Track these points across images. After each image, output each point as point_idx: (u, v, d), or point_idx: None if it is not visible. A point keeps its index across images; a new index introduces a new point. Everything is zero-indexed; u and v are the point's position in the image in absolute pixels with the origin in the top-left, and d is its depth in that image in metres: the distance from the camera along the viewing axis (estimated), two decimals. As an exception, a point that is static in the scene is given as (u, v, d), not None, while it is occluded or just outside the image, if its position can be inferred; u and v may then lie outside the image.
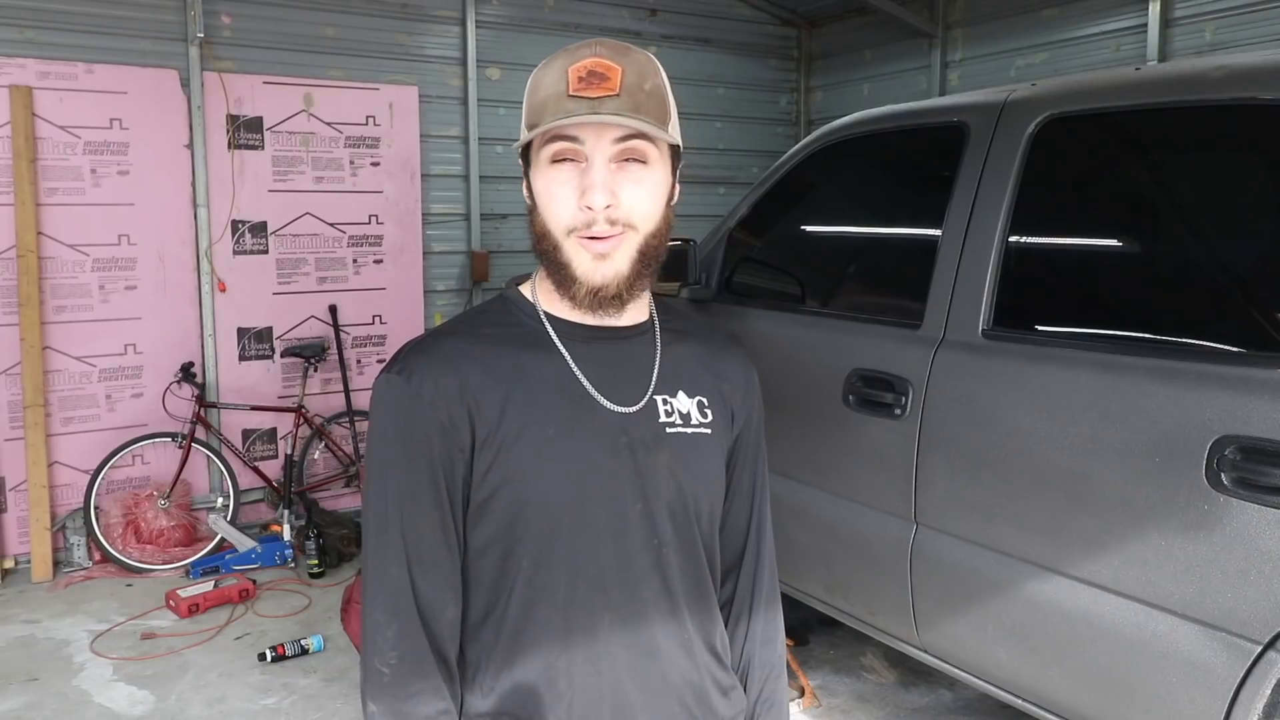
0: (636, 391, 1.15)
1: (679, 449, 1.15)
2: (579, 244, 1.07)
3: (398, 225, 5.65)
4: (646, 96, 1.06)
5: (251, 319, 5.31)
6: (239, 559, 4.77)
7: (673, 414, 1.16)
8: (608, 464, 1.11)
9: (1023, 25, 5.43)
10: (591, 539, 1.11)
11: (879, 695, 3.46)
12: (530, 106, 1.09)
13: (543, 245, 1.10)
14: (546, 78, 1.07)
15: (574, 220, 1.06)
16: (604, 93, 1.03)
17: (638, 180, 1.07)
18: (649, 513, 1.13)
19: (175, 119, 4.99)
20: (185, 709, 3.43)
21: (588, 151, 1.05)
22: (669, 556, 1.15)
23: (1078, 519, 2.15)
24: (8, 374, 4.70)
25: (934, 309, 2.58)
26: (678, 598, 1.16)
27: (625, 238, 1.07)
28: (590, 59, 1.05)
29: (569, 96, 1.04)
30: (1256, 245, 2.13)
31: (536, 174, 1.09)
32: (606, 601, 1.11)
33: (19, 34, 4.62)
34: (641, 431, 1.13)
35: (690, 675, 1.17)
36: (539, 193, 1.09)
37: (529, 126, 1.08)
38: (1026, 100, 2.52)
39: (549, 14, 6.01)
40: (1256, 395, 1.87)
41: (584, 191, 1.04)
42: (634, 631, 1.13)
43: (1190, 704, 1.96)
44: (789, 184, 3.33)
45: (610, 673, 1.12)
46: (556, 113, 1.04)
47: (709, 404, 1.20)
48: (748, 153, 6.69)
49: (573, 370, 1.12)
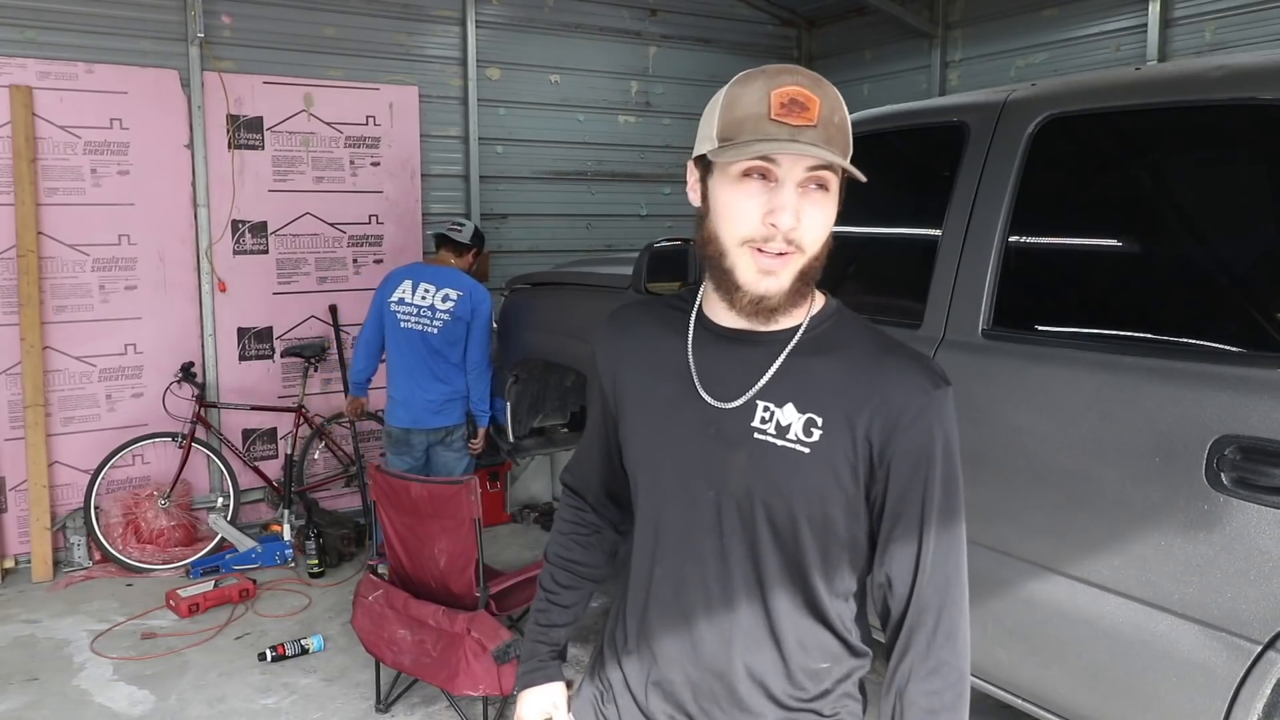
0: (737, 391, 1.21)
1: (760, 455, 1.19)
2: (750, 254, 1.15)
3: (398, 225, 5.64)
4: (837, 129, 1.14)
5: (251, 319, 5.31)
6: (239, 559, 4.77)
7: (769, 422, 1.20)
8: (691, 447, 1.23)
9: (1023, 25, 5.43)
10: (662, 506, 1.28)
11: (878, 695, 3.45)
12: (727, 121, 1.14)
13: (709, 250, 1.19)
14: (746, 96, 1.14)
15: (754, 232, 1.14)
16: (804, 122, 1.11)
17: (819, 206, 1.15)
18: (719, 502, 1.22)
19: (175, 119, 4.99)
20: (185, 709, 3.44)
21: (780, 174, 1.12)
22: (732, 549, 1.22)
23: (1078, 519, 2.15)
24: (8, 374, 4.70)
25: (934, 309, 2.58)
26: (734, 591, 1.23)
27: (793, 258, 1.15)
28: (793, 87, 1.12)
29: (771, 120, 1.11)
30: (1256, 245, 2.13)
31: (720, 185, 1.16)
32: (660, 563, 1.29)
33: (19, 34, 4.62)
34: (729, 428, 1.21)
35: (720, 664, 1.25)
36: (720, 201, 1.16)
37: (722, 139, 1.14)
38: (1026, 100, 2.52)
39: (549, 14, 6.01)
40: (1256, 395, 1.87)
41: (772, 210, 1.12)
42: (677, 600, 1.27)
43: (1190, 704, 1.96)
44: (789, 184, 3.33)
45: (654, 628, 1.30)
46: (757, 133, 1.11)
47: (823, 424, 1.18)
48: (748, 153, 6.69)
49: (688, 359, 1.26)
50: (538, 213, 6.13)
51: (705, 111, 1.21)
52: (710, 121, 1.18)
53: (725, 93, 1.17)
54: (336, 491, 5.53)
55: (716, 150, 1.14)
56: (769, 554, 1.21)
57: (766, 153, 1.10)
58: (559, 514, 1.53)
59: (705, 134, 1.18)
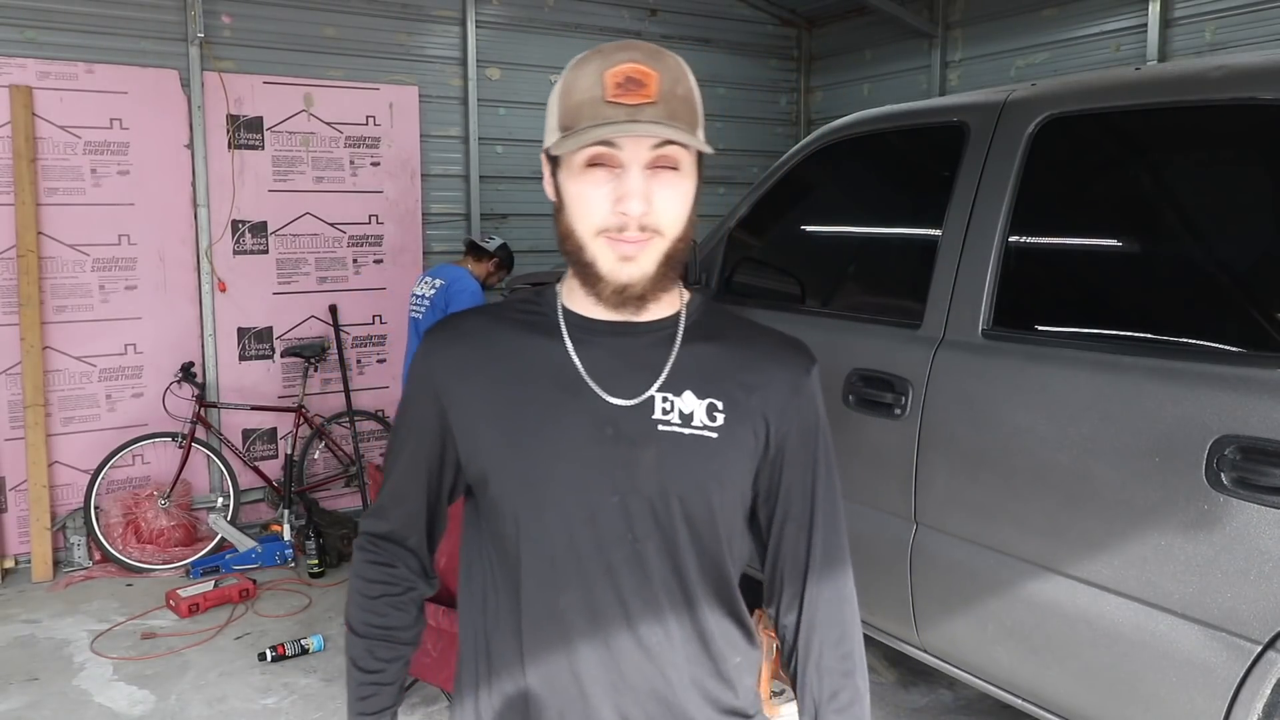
0: (636, 386, 1.14)
1: (669, 448, 1.13)
2: (607, 243, 1.08)
3: (398, 225, 5.65)
4: (680, 102, 1.08)
5: (251, 319, 5.31)
6: (239, 559, 4.77)
7: (671, 412, 1.14)
8: (586, 452, 1.12)
9: (1023, 25, 5.43)
10: (555, 522, 1.13)
11: (879, 695, 3.46)
12: (564, 109, 1.08)
13: (567, 244, 1.12)
14: (581, 80, 1.07)
15: (606, 222, 1.07)
16: (641, 100, 1.05)
17: (670, 187, 1.09)
18: (626, 506, 1.12)
19: (175, 119, 4.99)
20: (185, 709, 3.44)
21: (624, 159, 1.06)
22: (646, 554, 1.13)
23: (1078, 519, 2.16)
24: (8, 374, 4.70)
25: (934, 309, 2.58)
26: (655, 600, 1.14)
27: (653, 242, 1.09)
28: (627, 64, 1.05)
29: (606, 102, 1.04)
30: (1256, 245, 2.13)
31: (568, 176, 1.10)
32: (566, 588, 1.14)
33: (19, 34, 4.62)
34: (631, 426, 1.13)
35: (653, 680, 1.15)
36: (570, 194, 1.10)
37: (562, 129, 1.08)
38: (1026, 100, 2.52)
39: (549, 14, 6.01)
40: (1256, 395, 1.87)
41: (620, 198, 1.06)
42: (592, 624, 1.14)
43: (1190, 704, 1.96)
44: (789, 184, 3.33)
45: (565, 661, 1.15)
46: (594, 118, 1.04)
47: (723, 408, 1.16)
48: (748, 153, 6.70)
49: (571, 358, 1.15)
50: (538, 213, 6.13)
51: (549, 102, 1.13)
52: (551, 111, 1.11)
53: (561, 78, 1.11)
54: (336, 491, 5.53)
55: (558, 142, 1.07)
56: (688, 552, 1.14)
57: (603, 138, 1.03)
58: (359, 574, 1.27)
59: (549, 125, 1.11)
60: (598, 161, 1.06)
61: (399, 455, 1.26)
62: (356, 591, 1.27)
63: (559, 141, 1.07)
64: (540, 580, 1.15)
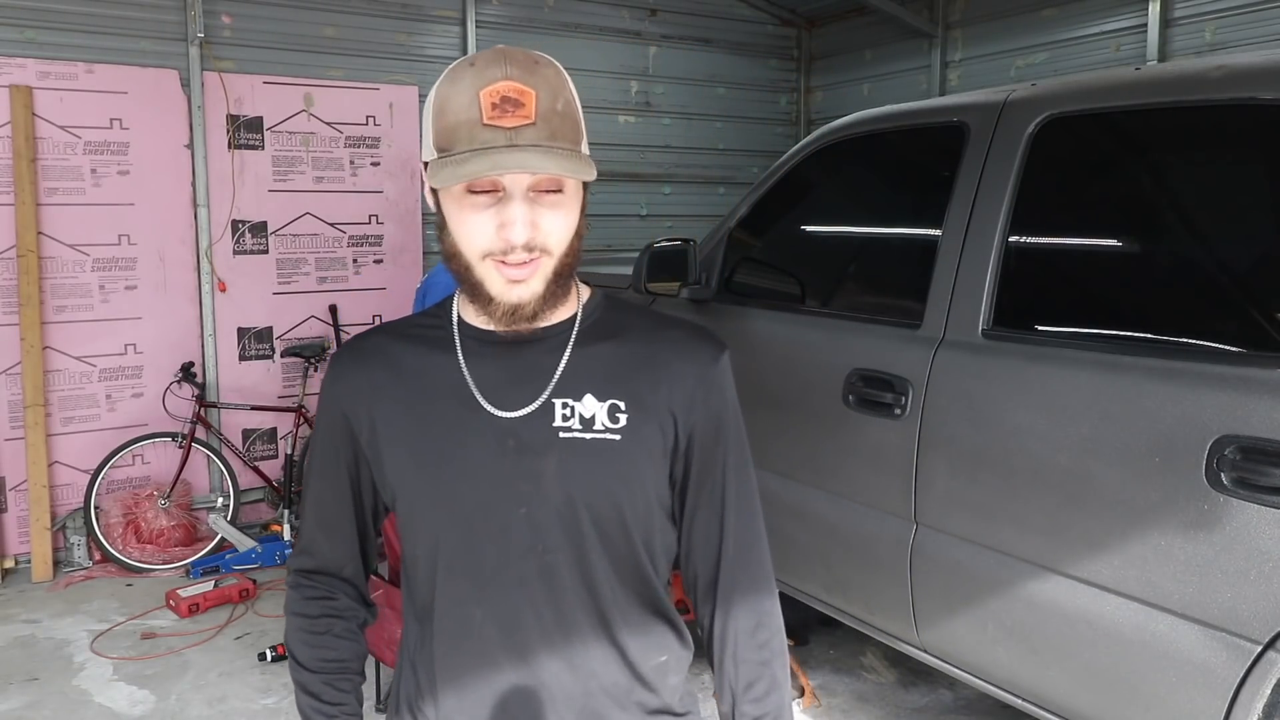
0: (529, 395, 1.13)
1: (572, 454, 1.12)
2: (494, 267, 1.06)
3: (398, 225, 5.65)
4: (560, 119, 1.04)
5: (251, 319, 5.31)
6: (239, 559, 4.77)
7: (571, 418, 1.12)
8: (490, 468, 1.12)
9: (1023, 25, 5.43)
10: (466, 539, 1.13)
11: (879, 695, 3.46)
12: (439, 129, 1.04)
13: (454, 264, 1.09)
14: (455, 99, 1.03)
15: (490, 246, 1.05)
16: (520, 121, 1.01)
17: (555, 208, 1.06)
18: (533, 518, 1.11)
19: (175, 119, 4.99)
20: (185, 709, 3.44)
21: (508, 184, 1.03)
22: (556, 565, 1.12)
23: (1078, 519, 2.15)
24: (8, 374, 4.70)
25: (934, 309, 2.58)
26: (569, 608, 1.13)
27: (540, 262, 1.07)
28: (503, 82, 1.01)
29: (484, 125, 1.01)
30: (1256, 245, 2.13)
31: (448, 199, 1.07)
32: (479, 601, 1.13)
33: (19, 34, 4.62)
34: (530, 435, 1.12)
35: (572, 691, 1.14)
36: (452, 217, 1.07)
37: (439, 149, 1.04)
38: (1026, 100, 2.52)
39: (549, 14, 6.01)
40: (1256, 395, 1.87)
41: (504, 225, 1.03)
42: (508, 638, 1.14)
43: (1190, 704, 1.96)
44: (789, 184, 3.33)
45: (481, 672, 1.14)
46: (471, 142, 1.01)
47: (625, 408, 1.14)
48: (748, 153, 6.69)
49: (463, 374, 1.14)
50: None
51: (424, 109, 1.10)
52: (427, 127, 1.07)
53: (434, 93, 1.07)
54: (336, 491, 5.53)
55: (434, 165, 1.04)
56: (598, 559, 1.13)
57: (482, 173, 1.00)
58: (299, 610, 1.24)
59: (425, 140, 1.08)
60: (480, 189, 1.04)
61: (318, 484, 1.24)
62: (300, 629, 1.24)
63: (436, 169, 1.03)
64: (454, 599, 1.14)
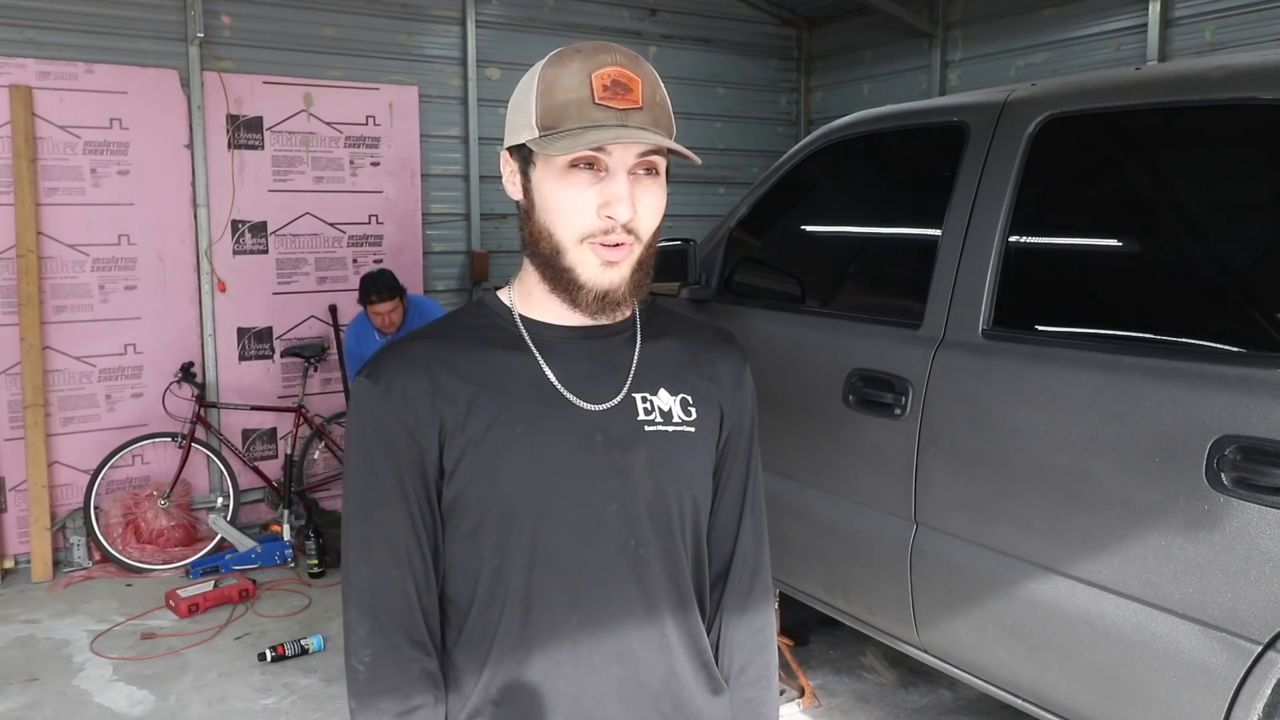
0: (611, 389, 1.14)
1: (658, 448, 1.14)
2: (591, 250, 1.06)
3: (398, 225, 5.65)
4: (660, 109, 1.07)
5: (251, 319, 5.31)
6: (239, 559, 4.77)
7: (653, 412, 1.15)
8: (581, 463, 1.10)
9: (1023, 25, 5.43)
10: (561, 539, 1.10)
11: (879, 695, 3.46)
12: (546, 107, 1.05)
13: (541, 247, 1.09)
14: (565, 79, 1.05)
15: (591, 227, 1.05)
16: (629, 105, 1.04)
17: (651, 192, 1.08)
18: (626, 514, 1.12)
19: (175, 119, 4.99)
20: (185, 709, 3.44)
21: (611, 163, 1.04)
22: (648, 559, 1.13)
23: (1078, 519, 2.15)
24: (8, 374, 4.70)
25: (934, 309, 2.58)
26: (657, 601, 1.14)
27: (632, 248, 1.08)
28: (614, 67, 1.04)
29: (595, 104, 1.03)
30: (1256, 245, 2.13)
31: (545, 176, 1.07)
32: (576, 604, 1.11)
33: (19, 34, 4.62)
34: (618, 430, 1.12)
35: (668, 681, 1.16)
36: (548, 196, 1.07)
37: (543, 128, 1.05)
38: (1026, 100, 2.52)
39: (549, 14, 6.01)
40: (1256, 395, 1.87)
41: (608, 203, 1.04)
42: (606, 636, 1.12)
43: (1190, 704, 1.96)
44: (789, 184, 3.33)
45: (577, 677, 1.12)
46: (583, 120, 1.03)
47: (693, 402, 1.18)
48: (748, 153, 6.69)
49: (543, 369, 1.12)
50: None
51: (516, 97, 1.10)
52: (526, 109, 1.07)
53: (539, 76, 1.07)
54: (336, 491, 5.52)
55: (541, 140, 1.04)
56: (682, 551, 1.16)
57: (599, 142, 1.01)
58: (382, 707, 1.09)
59: (522, 122, 1.08)
60: (580, 163, 1.05)
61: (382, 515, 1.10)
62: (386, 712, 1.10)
63: (545, 140, 1.04)
64: (548, 603, 1.11)
